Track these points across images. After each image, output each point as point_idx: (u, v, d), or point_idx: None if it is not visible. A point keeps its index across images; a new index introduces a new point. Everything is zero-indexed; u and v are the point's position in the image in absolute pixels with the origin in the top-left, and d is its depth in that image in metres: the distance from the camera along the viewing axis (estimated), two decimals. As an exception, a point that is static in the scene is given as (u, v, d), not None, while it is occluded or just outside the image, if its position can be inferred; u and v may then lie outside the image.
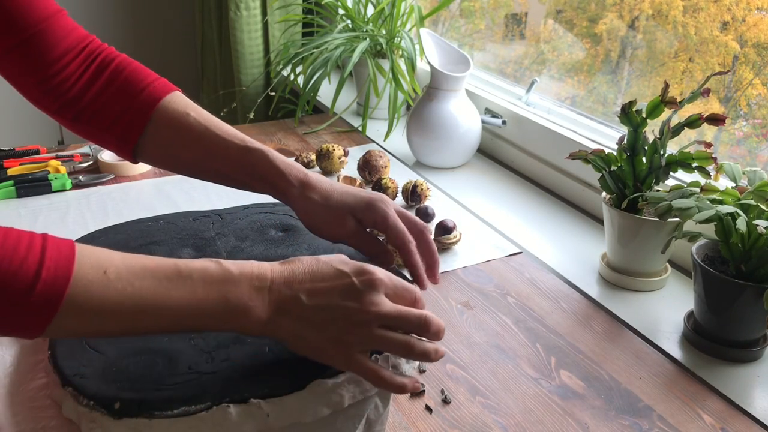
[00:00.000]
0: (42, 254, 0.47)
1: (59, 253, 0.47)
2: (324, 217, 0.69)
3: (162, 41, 2.39)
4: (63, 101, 0.72)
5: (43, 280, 0.46)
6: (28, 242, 0.47)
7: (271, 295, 0.53)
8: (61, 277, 0.47)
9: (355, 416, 0.57)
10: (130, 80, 0.73)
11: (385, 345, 0.54)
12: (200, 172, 0.74)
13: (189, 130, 0.71)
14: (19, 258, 0.46)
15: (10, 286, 0.45)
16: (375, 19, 1.49)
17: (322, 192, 0.70)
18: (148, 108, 0.71)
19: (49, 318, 0.46)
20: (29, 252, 0.46)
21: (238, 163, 0.71)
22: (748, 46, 1.00)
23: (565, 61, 1.39)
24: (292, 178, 0.70)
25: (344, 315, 0.53)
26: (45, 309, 0.46)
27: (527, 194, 1.18)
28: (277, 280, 0.54)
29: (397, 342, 0.54)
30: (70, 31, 0.72)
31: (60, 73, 0.71)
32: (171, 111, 0.72)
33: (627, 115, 0.83)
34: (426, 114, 1.23)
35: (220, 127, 0.72)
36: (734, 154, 1.05)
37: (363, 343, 0.54)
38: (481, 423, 0.66)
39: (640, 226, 0.84)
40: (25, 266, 0.46)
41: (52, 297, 0.46)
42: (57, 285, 0.46)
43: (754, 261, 0.71)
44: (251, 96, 1.82)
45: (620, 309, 0.84)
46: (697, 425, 0.66)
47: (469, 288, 0.88)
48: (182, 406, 0.50)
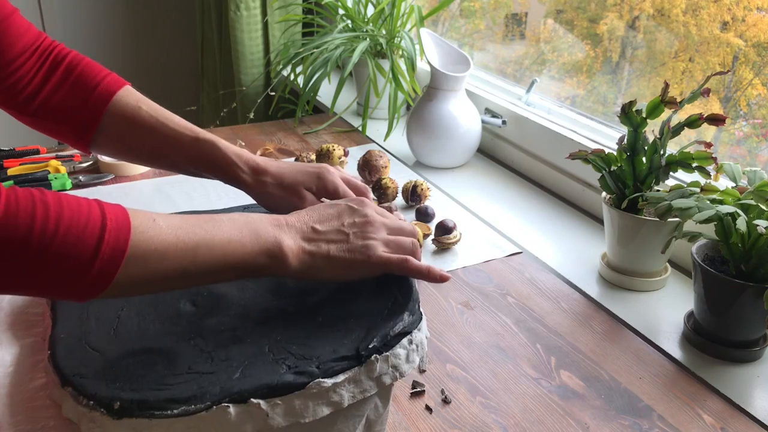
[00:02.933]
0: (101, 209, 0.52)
1: (114, 207, 0.53)
2: (280, 196, 0.75)
3: (162, 41, 2.39)
4: (21, 98, 0.75)
5: (109, 230, 0.51)
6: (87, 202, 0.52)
7: (290, 229, 0.60)
8: (123, 227, 0.52)
9: (355, 416, 0.57)
10: (84, 76, 0.76)
11: (399, 246, 0.64)
12: (154, 162, 0.79)
13: (142, 122, 0.75)
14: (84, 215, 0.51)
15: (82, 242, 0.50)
16: (375, 19, 1.49)
17: (273, 174, 0.76)
18: (102, 103, 0.75)
19: (119, 265, 0.51)
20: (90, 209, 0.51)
21: (189, 153, 0.76)
22: (748, 46, 1.00)
23: (565, 61, 1.39)
24: (243, 165, 0.76)
25: (357, 227, 0.63)
26: (115, 256, 0.51)
27: (527, 194, 1.18)
28: (289, 221, 0.61)
29: (407, 243, 0.65)
30: (25, 31, 0.75)
31: (17, 71, 0.74)
32: (124, 104, 0.76)
33: (627, 115, 0.83)
34: (426, 114, 1.23)
35: (172, 119, 0.77)
36: (734, 154, 1.05)
37: (381, 245, 0.63)
38: (481, 423, 0.66)
39: (640, 226, 0.84)
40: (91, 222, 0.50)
41: (120, 244, 0.51)
42: (121, 233, 0.51)
43: (754, 261, 0.71)
44: (251, 96, 1.82)
45: (620, 309, 0.84)
46: (697, 425, 0.66)
47: (469, 288, 0.88)
48: (182, 406, 0.50)
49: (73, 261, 0.49)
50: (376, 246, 0.62)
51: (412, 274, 0.64)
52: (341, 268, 0.61)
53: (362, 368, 0.54)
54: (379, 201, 1.09)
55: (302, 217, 0.63)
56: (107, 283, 0.51)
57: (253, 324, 0.59)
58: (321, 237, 0.61)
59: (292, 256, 0.59)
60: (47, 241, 0.49)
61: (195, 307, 0.62)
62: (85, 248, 0.50)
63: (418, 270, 0.63)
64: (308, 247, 0.60)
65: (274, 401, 0.52)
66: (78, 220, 0.50)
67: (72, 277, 0.50)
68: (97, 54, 2.29)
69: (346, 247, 0.61)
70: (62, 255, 0.49)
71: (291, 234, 0.60)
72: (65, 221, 0.50)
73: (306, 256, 0.60)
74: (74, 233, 0.50)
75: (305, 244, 0.60)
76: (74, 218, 0.50)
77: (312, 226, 0.62)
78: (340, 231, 0.62)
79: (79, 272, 0.50)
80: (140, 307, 0.61)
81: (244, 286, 0.65)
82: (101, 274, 0.50)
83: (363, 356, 0.54)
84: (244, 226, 0.58)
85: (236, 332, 0.58)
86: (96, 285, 0.51)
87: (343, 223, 0.63)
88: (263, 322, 0.59)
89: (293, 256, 0.59)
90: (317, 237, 0.61)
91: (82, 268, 0.50)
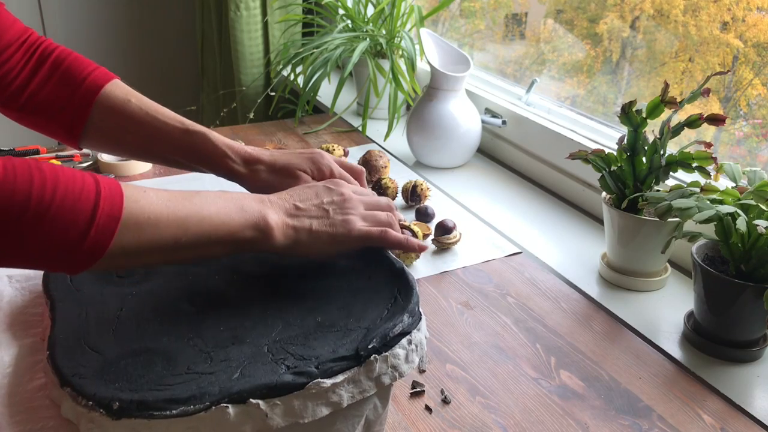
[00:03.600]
0: (94, 178, 0.53)
1: (106, 178, 0.54)
2: (275, 181, 0.75)
3: (162, 41, 2.39)
4: (8, 93, 0.74)
5: (103, 198, 0.52)
6: (80, 173, 0.53)
7: (272, 205, 0.63)
8: (116, 195, 0.53)
9: (355, 416, 0.57)
10: (71, 70, 0.76)
11: (376, 219, 0.67)
12: (144, 156, 0.79)
13: (131, 116, 0.75)
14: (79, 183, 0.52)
15: (78, 208, 0.51)
16: (375, 19, 1.49)
17: (266, 161, 0.76)
18: (90, 96, 0.75)
19: (113, 231, 0.52)
20: (84, 178, 0.53)
21: (179, 146, 0.75)
22: (748, 46, 1.00)
23: (565, 61, 1.38)
24: (234, 155, 0.75)
25: (336, 204, 0.66)
26: (110, 223, 0.52)
27: (527, 194, 1.18)
28: (271, 198, 0.64)
29: (384, 217, 0.68)
30: (11, 25, 0.75)
31: (3, 65, 0.74)
32: (113, 98, 0.75)
33: (627, 115, 0.83)
34: (426, 114, 1.23)
35: (161, 112, 0.76)
36: (734, 154, 1.05)
37: (359, 219, 0.66)
38: (481, 423, 0.66)
39: (640, 226, 0.84)
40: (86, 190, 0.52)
41: (114, 211, 0.52)
42: (115, 201, 0.53)
43: (754, 261, 0.71)
44: (251, 96, 1.82)
45: (620, 309, 0.84)
46: (697, 425, 0.66)
47: (469, 288, 0.88)
48: (181, 406, 0.50)
49: (70, 227, 0.50)
50: (355, 220, 0.66)
51: (391, 245, 0.67)
52: (324, 243, 0.64)
53: (361, 368, 0.54)
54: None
55: (283, 195, 0.65)
56: (102, 250, 0.52)
57: (252, 324, 0.59)
58: (303, 213, 0.64)
59: (278, 230, 0.62)
60: (45, 206, 0.50)
61: (194, 307, 0.62)
62: (81, 214, 0.51)
63: (397, 241, 0.67)
64: (292, 222, 0.63)
65: (274, 401, 0.52)
66: (73, 188, 0.51)
67: (69, 243, 0.51)
68: (97, 54, 2.29)
69: (328, 222, 0.64)
70: (60, 220, 0.50)
71: (275, 209, 0.63)
72: (61, 188, 0.51)
73: (291, 231, 0.63)
74: (70, 199, 0.51)
75: (289, 220, 0.63)
76: (69, 186, 0.51)
77: (293, 203, 0.64)
78: (320, 208, 0.65)
79: (76, 238, 0.51)
80: (139, 308, 0.61)
81: (243, 286, 0.65)
82: (97, 241, 0.51)
83: (362, 356, 0.54)
84: (230, 201, 0.60)
85: (235, 332, 0.58)
86: (92, 253, 0.52)
87: (322, 200, 0.66)
88: (262, 322, 0.59)
89: (278, 231, 0.62)
90: (299, 213, 0.64)
91: (78, 235, 0.51)
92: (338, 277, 0.65)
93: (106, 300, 0.63)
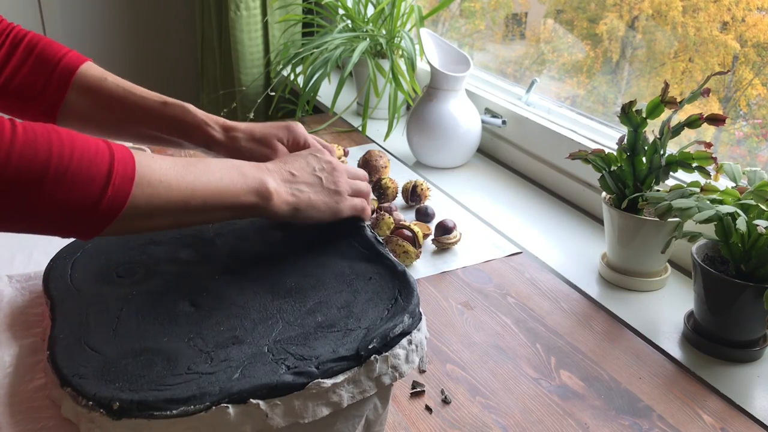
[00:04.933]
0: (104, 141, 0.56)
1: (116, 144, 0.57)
2: (253, 149, 0.77)
3: (162, 41, 2.39)
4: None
5: (117, 159, 0.54)
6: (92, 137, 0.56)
7: (270, 173, 0.65)
8: (128, 157, 0.56)
9: (355, 416, 0.57)
10: (45, 53, 0.77)
11: (358, 188, 0.73)
12: (123, 134, 0.80)
13: (108, 92, 0.77)
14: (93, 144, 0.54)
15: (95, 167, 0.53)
16: (375, 19, 1.49)
17: (244, 130, 0.78)
18: (67, 76, 0.76)
19: (129, 189, 0.54)
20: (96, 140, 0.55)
21: (159, 118, 0.77)
22: (748, 46, 1.00)
23: (565, 62, 1.39)
24: (213, 124, 0.77)
25: (326, 172, 0.70)
26: (125, 182, 0.54)
27: (527, 194, 1.18)
28: (268, 166, 0.67)
29: (365, 187, 0.74)
30: None
31: None
32: (89, 77, 0.77)
33: (627, 115, 0.83)
34: (426, 114, 1.23)
35: (138, 88, 0.78)
36: (734, 154, 1.05)
37: (348, 190, 0.71)
38: (481, 423, 0.66)
39: (640, 226, 0.84)
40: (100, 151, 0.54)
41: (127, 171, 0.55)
42: (127, 162, 0.55)
43: (754, 261, 0.71)
44: (251, 96, 1.82)
45: (620, 309, 0.84)
46: (697, 425, 0.66)
47: (469, 288, 0.88)
48: (181, 406, 0.50)
49: (88, 186, 0.52)
50: (344, 191, 0.71)
51: (366, 218, 0.74)
52: (320, 211, 0.69)
53: (362, 369, 0.54)
54: (379, 201, 1.09)
55: (277, 163, 0.68)
56: (118, 210, 0.54)
57: (252, 324, 0.59)
58: (298, 180, 0.67)
59: (277, 197, 0.65)
60: (64, 166, 0.51)
61: (194, 307, 0.62)
62: (98, 174, 0.53)
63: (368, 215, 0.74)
64: (290, 190, 0.66)
65: (274, 402, 0.52)
66: (89, 149, 0.53)
67: (87, 202, 0.53)
68: (97, 54, 2.29)
69: (321, 190, 0.69)
70: (79, 180, 0.52)
71: (272, 176, 0.66)
72: (78, 149, 0.53)
73: (291, 198, 0.66)
74: (87, 160, 0.53)
75: (287, 187, 0.66)
76: (85, 147, 0.53)
77: (288, 170, 0.68)
78: (313, 175, 0.69)
79: (95, 198, 0.53)
80: (140, 308, 0.61)
81: (244, 286, 0.65)
82: (114, 201, 0.53)
83: (362, 357, 0.54)
84: (231, 167, 0.63)
85: (236, 333, 0.58)
86: (108, 212, 0.54)
87: (314, 168, 0.70)
88: (263, 322, 0.59)
89: (278, 198, 0.65)
90: (295, 180, 0.67)
91: (96, 194, 0.53)
92: (339, 278, 0.65)
93: (106, 300, 0.63)
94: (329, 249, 0.71)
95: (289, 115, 1.62)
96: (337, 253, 0.69)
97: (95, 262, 0.69)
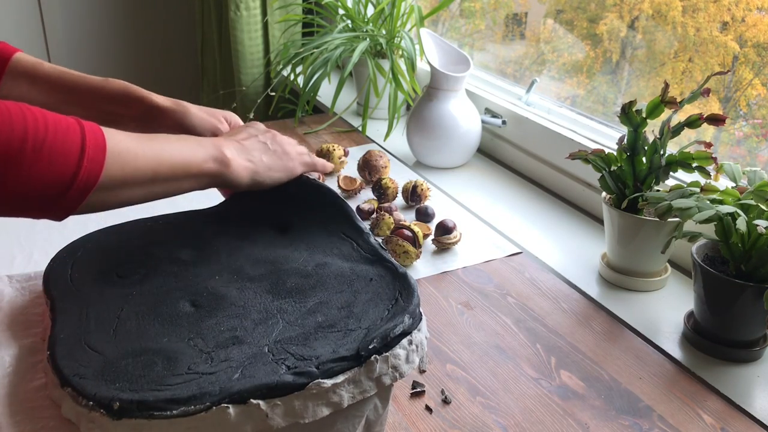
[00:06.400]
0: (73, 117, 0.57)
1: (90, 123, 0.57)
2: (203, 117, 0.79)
3: (162, 41, 2.39)
4: None
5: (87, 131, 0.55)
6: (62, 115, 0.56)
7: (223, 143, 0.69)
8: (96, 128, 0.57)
9: (355, 417, 0.57)
10: None
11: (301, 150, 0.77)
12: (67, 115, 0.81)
13: (45, 76, 0.77)
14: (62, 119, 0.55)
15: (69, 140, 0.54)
16: (375, 19, 1.49)
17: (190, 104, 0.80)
18: (2, 63, 0.76)
19: (102, 161, 0.55)
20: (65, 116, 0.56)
21: (100, 93, 0.77)
22: (748, 46, 1.00)
23: (565, 62, 1.39)
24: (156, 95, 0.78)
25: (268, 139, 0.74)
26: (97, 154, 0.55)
27: (527, 194, 1.18)
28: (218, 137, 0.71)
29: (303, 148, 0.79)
30: None
31: None
32: (24, 63, 0.77)
33: (627, 115, 0.83)
34: (426, 114, 1.23)
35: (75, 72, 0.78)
36: (734, 154, 1.05)
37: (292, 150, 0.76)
38: (481, 423, 0.66)
39: (640, 226, 0.84)
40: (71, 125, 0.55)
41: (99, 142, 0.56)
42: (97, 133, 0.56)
43: (754, 261, 0.71)
44: (251, 96, 1.82)
45: (620, 309, 0.84)
46: (697, 425, 0.66)
47: (469, 288, 0.88)
48: (181, 406, 0.50)
49: (65, 158, 0.53)
50: (291, 152, 0.75)
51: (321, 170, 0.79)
52: (277, 171, 0.73)
53: (362, 369, 0.54)
54: (379, 201, 1.09)
55: (225, 136, 0.72)
56: (94, 181, 0.55)
57: (252, 324, 0.59)
58: (248, 148, 0.71)
59: (236, 163, 0.68)
60: (41, 139, 0.52)
61: (195, 307, 0.62)
62: (72, 146, 0.54)
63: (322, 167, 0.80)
64: (246, 156, 0.70)
65: (274, 402, 0.52)
66: (60, 123, 0.54)
67: (65, 175, 0.53)
68: (97, 54, 2.29)
69: (272, 154, 0.73)
70: (56, 152, 0.53)
71: (226, 145, 0.69)
72: (51, 122, 0.54)
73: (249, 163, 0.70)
74: (61, 132, 0.54)
75: (241, 154, 0.70)
76: (56, 120, 0.54)
77: (236, 140, 0.71)
78: (259, 142, 0.73)
79: (72, 170, 0.53)
80: (140, 308, 0.61)
81: (243, 286, 0.65)
82: (90, 172, 0.54)
83: (363, 357, 0.54)
84: (188, 139, 0.67)
85: (236, 333, 0.58)
86: (85, 185, 0.54)
87: (256, 136, 0.74)
88: (263, 322, 0.59)
89: (236, 164, 0.68)
90: (246, 148, 0.71)
91: (73, 165, 0.53)
92: (339, 278, 0.65)
93: (106, 300, 0.63)
94: (330, 249, 0.71)
95: (289, 115, 1.62)
96: (338, 253, 0.69)
97: (95, 263, 0.69)
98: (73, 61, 2.24)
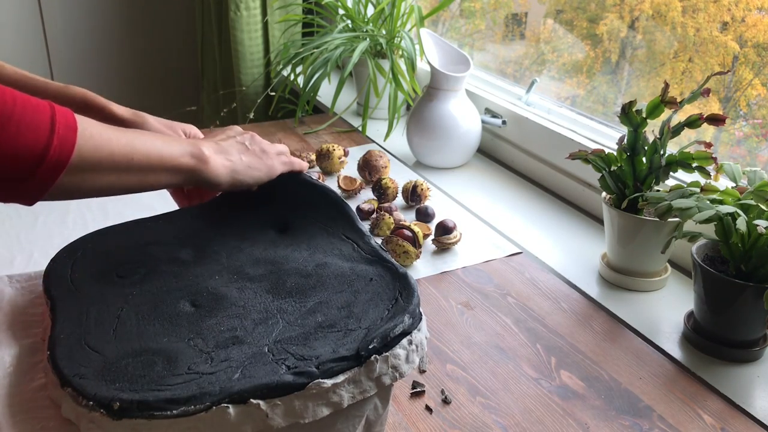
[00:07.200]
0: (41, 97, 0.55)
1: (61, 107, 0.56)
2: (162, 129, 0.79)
3: (162, 41, 2.39)
4: None
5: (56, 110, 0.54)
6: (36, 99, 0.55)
7: (200, 144, 0.67)
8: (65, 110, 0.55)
9: (355, 417, 0.57)
10: None
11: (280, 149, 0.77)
12: None
13: (6, 78, 0.77)
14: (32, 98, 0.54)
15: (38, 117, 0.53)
16: (375, 19, 1.49)
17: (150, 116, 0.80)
18: None
19: (73, 140, 0.54)
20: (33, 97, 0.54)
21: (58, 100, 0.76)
22: (748, 46, 1.00)
23: (565, 62, 1.39)
24: (116, 105, 0.78)
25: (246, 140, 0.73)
26: (68, 133, 0.54)
27: (527, 194, 1.18)
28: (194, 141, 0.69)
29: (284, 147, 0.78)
30: None
31: None
32: None
33: (627, 115, 0.83)
34: (426, 114, 1.23)
35: (37, 77, 0.78)
36: (734, 154, 1.05)
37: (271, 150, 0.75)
38: (481, 423, 0.66)
39: (640, 226, 0.84)
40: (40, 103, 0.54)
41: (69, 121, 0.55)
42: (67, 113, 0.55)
43: (754, 261, 0.71)
44: (251, 96, 1.82)
45: (620, 309, 0.84)
46: (697, 425, 0.66)
47: (469, 288, 0.88)
48: (181, 406, 0.50)
49: (34, 135, 0.52)
50: (270, 151, 0.75)
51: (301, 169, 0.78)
52: (257, 170, 0.72)
53: (362, 369, 0.54)
54: (379, 201, 1.09)
55: (202, 138, 0.72)
56: (66, 161, 0.53)
57: (252, 324, 0.59)
58: (226, 149, 0.70)
59: (214, 161, 0.67)
60: (8, 113, 0.51)
61: (195, 307, 0.62)
62: (42, 123, 0.52)
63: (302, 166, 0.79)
64: (224, 156, 0.69)
65: (274, 402, 0.52)
66: (28, 99, 0.53)
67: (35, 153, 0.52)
68: (97, 54, 2.29)
69: (251, 153, 0.72)
70: (24, 128, 0.52)
71: (204, 144, 0.68)
72: (19, 98, 0.52)
73: (228, 162, 0.69)
74: (30, 109, 0.52)
75: (219, 154, 0.69)
76: (24, 97, 0.53)
77: (214, 142, 0.70)
78: (237, 143, 0.72)
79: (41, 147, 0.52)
80: (140, 308, 0.61)
81: (243, 286, 0.65)
82: (61, 151, 0.53)
83: (363, 357, 0.54)
84: (163, 136, 0.66)
85: (236, 333, 0.58)
86: (57, 162, 0.53)
87: (234, 137, 0.73)
88: (263, 322, 0.59)
89: (215, 162, 0.67)
90: (223, 149, 0.70)
91: (43, 144, 0.52)
92: (339, 278, 0.65)
93: (106, 300, 0.63)
94: (330, 250, 0.71)
95: (289, 115, 1.62)
96: (338, 254, 0.69)
97: (95, 263, 0.69)
98: (73, 61, 2.24)
